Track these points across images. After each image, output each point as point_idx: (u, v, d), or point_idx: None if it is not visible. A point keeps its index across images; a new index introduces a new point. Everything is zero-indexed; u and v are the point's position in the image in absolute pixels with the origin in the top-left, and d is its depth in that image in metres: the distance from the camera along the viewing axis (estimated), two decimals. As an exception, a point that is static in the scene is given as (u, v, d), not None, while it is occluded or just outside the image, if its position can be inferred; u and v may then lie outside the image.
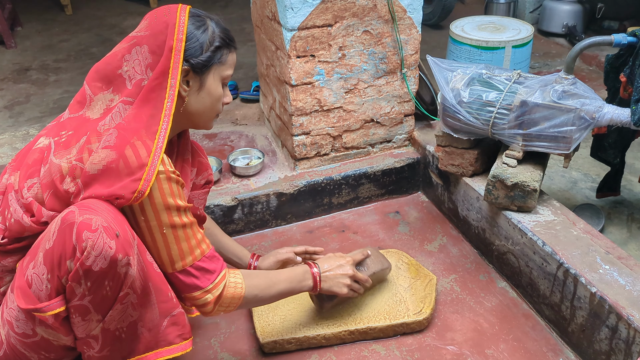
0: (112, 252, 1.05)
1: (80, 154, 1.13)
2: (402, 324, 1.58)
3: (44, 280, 1.08)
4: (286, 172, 2.15)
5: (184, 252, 1.21)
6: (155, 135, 1.16)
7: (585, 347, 1.49)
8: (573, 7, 3.81)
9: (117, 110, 1.17)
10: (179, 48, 1.18)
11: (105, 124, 1.16)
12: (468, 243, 1.98)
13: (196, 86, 1.24)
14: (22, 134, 2.64)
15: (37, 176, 1.15)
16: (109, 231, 1.06)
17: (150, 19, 1.22)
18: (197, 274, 1.23)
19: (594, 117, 1.59)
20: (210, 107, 1.30)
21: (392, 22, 2.00)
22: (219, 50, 1.25)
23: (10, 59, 3.84)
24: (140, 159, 1.11)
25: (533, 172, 1.69)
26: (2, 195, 1.20)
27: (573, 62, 1.72)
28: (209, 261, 1.25)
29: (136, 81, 1.18)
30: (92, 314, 1.11)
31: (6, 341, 1.15)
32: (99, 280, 1.07)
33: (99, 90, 1.20)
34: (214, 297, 1.25)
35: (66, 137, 1.17)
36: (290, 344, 1.55)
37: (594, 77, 3.35)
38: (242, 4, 4.96)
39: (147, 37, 1.19)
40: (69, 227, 1.05)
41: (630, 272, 1.45)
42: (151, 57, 1.18)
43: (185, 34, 1.19)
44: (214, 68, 1.25)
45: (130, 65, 1.19)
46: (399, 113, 2.20)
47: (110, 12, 4.88)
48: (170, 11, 1.21)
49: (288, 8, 1.83)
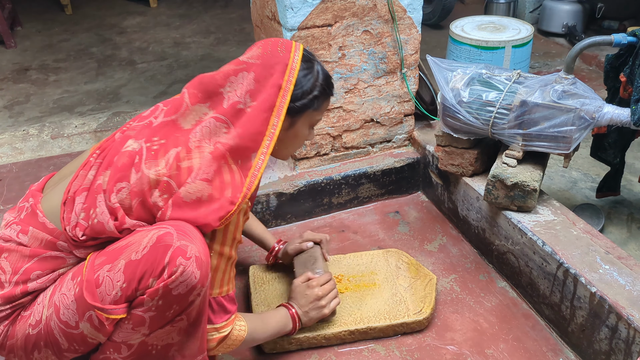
0: (195, 281, 1.10)
1: (170, 170, 1.15)
2: (402, 324, 1.58)
3: (116, 287, 1.10)
4: (286, 172, 2.15)
5: (216, 283, 1.24)
6: (249, 171, 1.20)
7: (585, 347, 1.49)
8: (573, 7, 3.81)
9: (208, 125, 1.20)
10: (287, 90, 1.22)
11: (197, 139, 1.18)
12: (468, 243, 1.98)
13: (286, 125, 1.27)
14: (22, 134, 2.64)
15: (126, 181, 1.16)
16: (199, 262, 1.10)
17: (264, 49, 1.25)
18: (216, 308, 1.25)
19: (593, 117, 1.59)
20: (291, 145, 1.36)
21: (392, 22, 2.00)
22: (317, 99, 1.28)
23: (10, 59, 3.84)
24: (232, 196, 1.16)
25: (533, 172, 1.69)
26: (87, 191, 1.20)
27: (573, 62, 1.72)
28: (230, 301, 1.28)
29: (232, 102, 1.20)
30: (143, 327, 1.14)
31: (45, 322, 1.16)
32: (170, 302, 1.11)
33: (197, 101, 1.23)
34: (220, 337, 1.27)
35: (158, 146, 1.19)
36: (290, 344, 1.55)
37: (594, 77, 3.35)
38: (242, 4, 4.96)
39: (257, 65, 1.22)
40: (164, 248, 1.08)
41: (630, 272, 1.45)
42: (254, 85, 1.21)
43: (296, 77, 1.23)
44: (307, 113, 1.29)
45: (233, 87, 1.21)
46: (399, 113, 2.20)
47: (110, 12, 4.88)
48: (285, 48, 1.25)
49: (288, 8, 1.83)
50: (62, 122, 2.77)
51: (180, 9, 4.99)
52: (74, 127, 2.71)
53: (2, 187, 2.26)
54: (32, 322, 1.16)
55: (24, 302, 1.19)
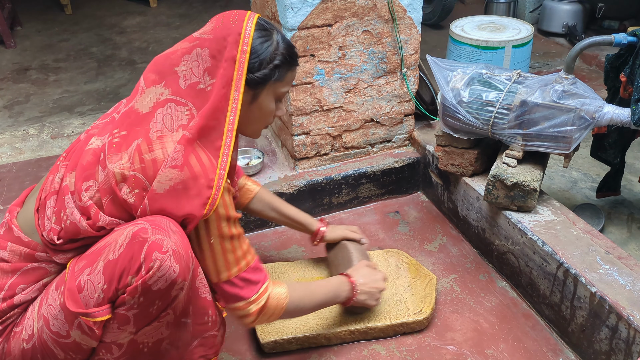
0: (174, 275, 1.08)
1: (133, 164, 1.12)
2: (402, 324, 1.58)
3: (98, 289, 1.09)
4: (286, 172, 2.15)
5: (230, 263, 1.21)
6: (219, 151, 1.16)
7: (585, 347, 1.49)
8: (573, 7, 3.80)
9: (168, 111, 1.15)
10: (243, 60, 1.16)
11: (157, 129, 1.14)
12: (468, 243, 1.98)
13: (248, 99, 1.22)
14: (22, 134, 2.64)
15: (93, 179, 1.15)
16: (177, 255, 1.08)
17: (217, 22, 1.20)
18: (242, 285, 1.23)
19: (594, 116, 1.59)
20: (258, 120, 1.29)
21: (392, 22, 2.00)
22: (278, 69, 1.22)
23: (10, 59, 3.84)
24: (207, 180, 1.12)
25: (533, 172, 1.69)
26: (56, 194, 1.19)
27: (573, 61, 1.72)
28: (253, 272, 1.25)
29: (191, 83, 1.16)
30: (129, 326, 1.13)
31: (38, 335, 1.15)
32: (152, 298, 1.09)
33: (152, 83, 1.19)
34: (257, 308, 1.25)
35: (119, 138, 1.15)
36: (290, 343, 1.55)
37: (594, 76, 3.35)
38: (242, 4, 4.96)
39: (210, 40, 1.17)
40: (140, 244, 1.06)
41: (630, 272, 1.45)
42: (210, 61, 1.16)
43: (250, 45, 1.16)
44: (270, 85, 1.23)
45: (187, 65, 1.17)
46: (399, 113, 2.20)
47: (110, 12, 4.88)
48: (237, 18, 1.19)
49: (288, 8, 1.83)
50: (62, 122, 2.77)
51: (180, 8, 4.98)
52: (74, 127, 2.71)
53: (2, 187, 2.26)
54: (25, 336, 1.16)
55: (12, 315, 1.18)
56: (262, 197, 1.70)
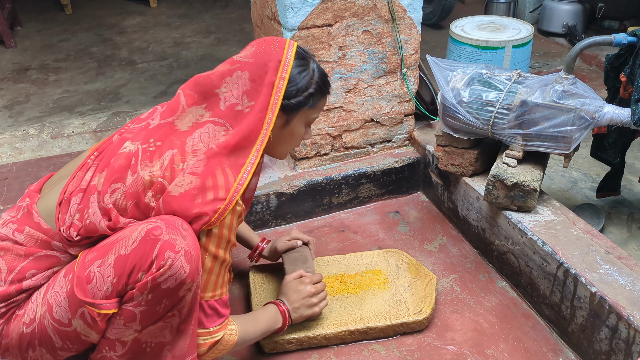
0: (184, 275, 1.09)
1: (164, 172, 1.15)
2: (402, 324, 1.58)
3: (107, 282, 1.10)
4: (286, 171, 2.15)
5: (209, 285, 1.23)
6: (241, 168, 1.20)
7: (585, 347, 1.49)
8: (573, 7, 3.81)
9: (207, 130, 1.20)
10: (280, 87, 1.21)
11: (193, 144, 1.18)
12: (468, 243, 1.98)
13: (281, 123, 1.27)
14: (22, 134, 2.64)
15: (121, 182, 1.17)
16: (188, 256, 1.10)
17: (257, 47, 1.24)
18: (209, 312, 1.24)
19: (594, 116, 1.59)
20: (287, 143, 1.34)
21: (392, 22, 2.00)
22: (312, 97, 1.27)
23: (10, 59, 3.84)
24: (222, 191, 1.15)
25: (533, 172, 1.69)
26: (83, 192, 1.21)
27: (573, 61, 1.72)
28: (223, 306, 1.27)
29: (230, 104, 1.21)
30: (134, 323, 1.14)
31: (39, 320, 1.16)
32: (160, 296, 1.11)
33: (193, 102, 1.23)
34: (212, 342, 1.26)
35: (153, 147, 1.19)
36: (290, 343, 1.55)
37: (594, 76, 3.35)
38: (242, 4, 4.96)
39: (251, 64, 1.22)
40: (153, 241, 1.08)
41: (630, 272, 1.45)
42: (250, 85, 1.21)
43: (289, 73, 1.22)
44: (302, 111, 1.28)
45: (228, 87, 1.21)
46: (399, 113, 2.20)
47: (109, 12, 4.88)
48: (278, 45, 1.24)
49: (288, 8, 1.83)
50: (62, 122, 2.77)
51: (180, 8, 4.99)
52: (74, 127, 2.71)
53: (2, 187, 2.26)
54: (26, 320, 1.17)
55: (18, 300, 1.19)
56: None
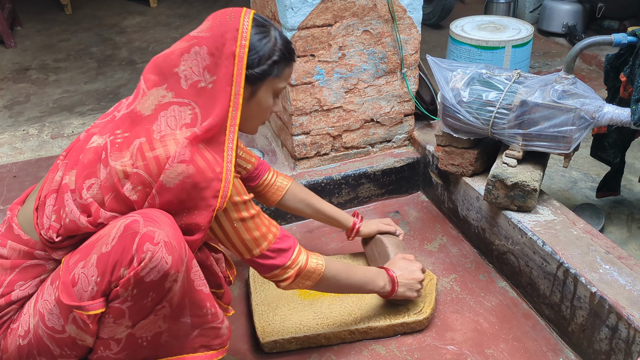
0: (167, 267, 1.08)
1: (136, 161, 1.13)
2: (402, 324, 1.58)
3: (91, 282, 1.09)
4: (286, 171, 2.15)
5: (258, 239, 1.25)
6: (224, 146, 1.18)
7: (585, 347, 1.49)
8: (573, 7, 3.81)
9: (172, 113, 1.17)
10: (242, 55, 1.17)
11: (160, 130, 1.15)
12: (468, 243, 1.98)
13: (247, 95, 1.23)
14: (22, 134, 2.64)
15: (95, 177, 1.16)
16: (169, 246, 1.08)
17: (213, 20, 1.21)
18: (274, 255, 1.28)
19: (594, 116, 1.59)
20: (256, 116, 1.31)
21: (392, 22, 2.00)
22: (276, 64, 1.23)
23: (10, 59, 3.84)
24: (214, 173, 1.14)
25: (533, 172, 1.69)
26: (55, 193, 1.20)
27: (573, 61, 1.72)
28: (282, 241, 1.29)
29: (192, 82, 1.18)
30: (124, 319, 1.13)
31: (33, 331, 1.16)
32: (145, 290, 1.10)
33: (153, 84, 1.20)
34: (295, 271, 1.30)
35: (121, 139, 1.17)
36: (290, 343, 1.55)
37: (594, 76, 3.35)
38: (241, 3, 4.96)
39: (208, 38, 1.18)
40: (132, 235, 1.07)
41: (630, 271, 1.45)
42: (209, 59, 1.17)
43: (249, 40, 1.18)
44: (268, 80, 1.24)
45: (187, 64, 1.18)
46: (399, 113, 2.20)
47: (109, 12, 4.88)
48: (234, 15, 1.19)
49: (288, 8, 1.83)
50: (62, 122, 2.77)
51: (180, 8, 4.99)
52: (74, 127, 2.71)
53: (2, 187, 2.26)
54: (21, 332, 1.16)
55: (10, 312, 1.19)
56: (295, 193, 1.71)
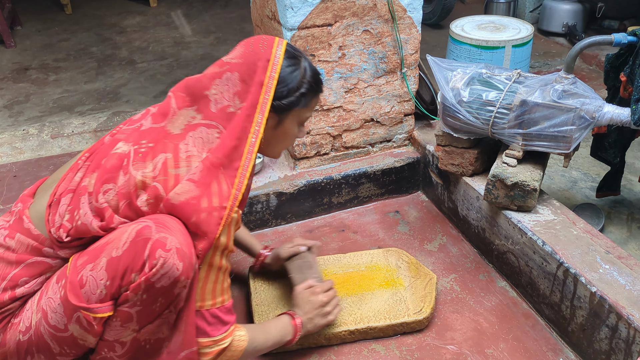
0: (177, 273, 1.08)
1: (158, 175, 1.14)
2: (402, 324, 1.58)
3: (100, 285, 1.09)
4: (286, 171, 2.15)
5: (207, 294, 1.20)
6: (237, 172, 1.19)
7: (585, 347, 1.49)
8: (573, 7, 3.81)
9: (200, 134, 1.19)
10: (270, 86, 1.20)
11: (187, 150, 1.17)
12: (468, 242, 1.98)
13: (273, 124, 1.26)
14: (22, 134, 2.64)
15: (113, 182, 1.16)
16: (180, 253, 1.09)
17: (246, 47, 1.23)
18: (212, 321, 1.22)
19: (594, 116, 1.59)
20: (281, 143, 1.34)
21: (392, 22, 2.00)
22: (304, 96, 1.26)
23: (10, 59, 3.84)
24: (221, 199, 1.15)
25: (533, 172, 1.69)
26: (72, 193, 1.20)
27: (573, 61, 1.72)
28: (227, 312, 1.25)
29: (222, 106, 1.20)
30: (131, 323, 1.13)
31: (35, 327, 1.16)
32: (155, 295, 1.10)
33: (184, 104, 1.22)
34: (219, 349, 1.24)
35: (146, 148, 1.18)
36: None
37: (594, 76, 3.35)
38: (242, 4, 4.96)
39: (240, 65, 1.21)
40: (144, 241, 1.07)
41: (630, 271, 1.45)
42: (240, 86, 1.20)
43: (279, 72, 1.20)
44: (295, 111, 1.27)
45: (219, 89, 1.20)
46: (399, 112, 2.20)
47: (109, 12, 4.88)
48: (267, 44, 1.22)
49: (288, 7, 1.83)
50: (62, 121, 2.77)
51: (180, 8, 4.98)
52: (74, 126, 2.71)
53: (2, 187, 2.26)
54: (22, 328, 1.16)
55: (12, 308, 1.19)
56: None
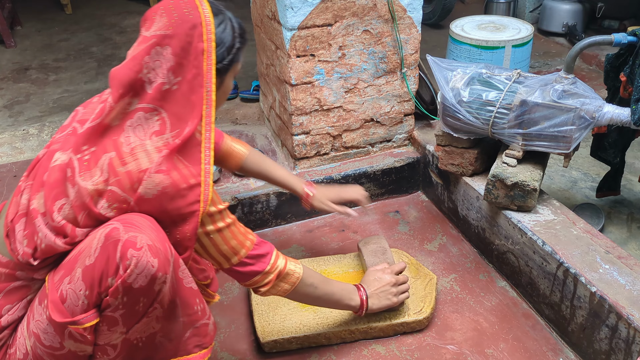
0: (153, 270, 1.07)
1: (107, 177, 1.10)
2: (402, 323, 1.58)
3: (80, 296, 1.08)
4: (286, 171, 2.14)
5: (235, 248, 1.25)
6: (201, 146, 1.17)
7: (585, 347, 1.49)
8: (573, 7, 3.81)
9: (138, 122, 1.13)
10: (210, 50, 1.14)
11: (129, 143, 1.11)
12: (468, 242, 1.98)
13: (217, 86, 1.22)
14: (22, 133, 2.64)
15: (65, 197, 1.12)
16: (153, 249, 1.07)
17: (169, 16, 1.12)
18: (253, 262, 1.29)
19: (594, 116, 1.59)
20: (221, 103, 1.29)
21: (392, 22, 2.00)
22: (239, 50, 1.23)
23: (10, 58, 3.83)
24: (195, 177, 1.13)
25: (533, 172, 1.69)
26: (24, 217, 1.16)
27: (573, 61, 1.72)
28: (259, 247, 1.30)
29: (156, 85, 1.12)
30: (118, 327, 1.12)
31: (32, 352, 1.14)
32: (135, 296, 1.09)
33: (119, 96, 1.14)
34: (275, 275, 1.32)
35: (89, 155, 1.12)
36: (290, 343, 1.55)
37: (594, 76, 3.35)
38: (242, 4, 4.95)
39: (170, 37, 1.11)
40: (114, 244, 1.05)
41: (630, 271, 1.45)
42: (174, 60, 1.12)
43: (214, 33, 1.15)
44: (233, 67, 1.24)
45: (149, 67, 1.12)
46: (399, 112, 2.20)
47: (109, 11, 4.88)
48: (190, 6, 1.14)
49: (288, 7, 1.83)
50: (62, 121, 2.77)
51: (180, 8, 4.98)
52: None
53: (2, 187, 2.26)
54: (20, 356, 1.15)
55: (3, 337, 1.17)
56: (252, 161, 1.71)
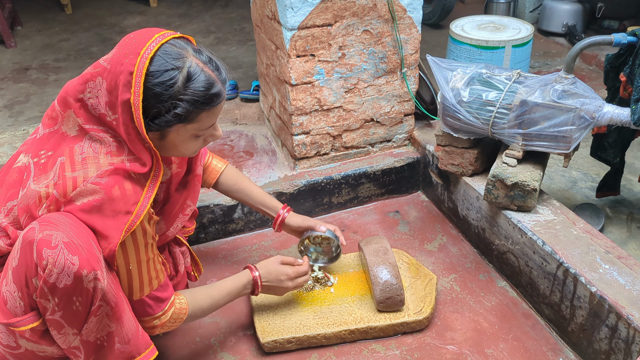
0: (75, 268, 1.03)
1: (56, 180, 1.10)
2: (402, 323, 1.58)
3: (16, 298, 1.08)
4: (286, 171, 2.15)
5: (143, 284, 1.23)
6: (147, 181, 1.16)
7: (585, 347, 1.49)
8: (573, 7, 3.81)
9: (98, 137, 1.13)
10: (137, 104, 1.07)
11: (83, 152, 1.12)
12: (468, 242, 1.98)
13: (156, 136, 1.16)
14: (22, 134, 2.64)
15: (15, 198, 1.15)
16: (71, 247, 1.03)
17: (117, 51, 1.11)
18: (151, 303, 1.27)
19: (593, 116, 1.59)
20: (179, 151, 1.23)
21: (392, 22, 2.00)
22: (187, 113, 1.12)
23: (10, 59, 3.84)
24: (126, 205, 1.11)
25: (533, 172, 1.69)
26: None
27: (573, 61, 1.72)
28: (162, 290, 1.29)
29: (100, 113, 1.12)
30: (66, 328, 1.11)
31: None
32: (66, 296, 1.06)
33: (66, 107, 1.16)
34: (165, 321, 1.30)
35: (45, 158, 1.15)
36: (290, 343, 1.55)
37: (593, 76, 3.35)
38: (242, 4, 4.96)
39: (108, 72, 1.10)
40: (29, 244, 1.04)
41: (630, 271, 1.45)
42: (108, 97, 1.10)
43: (142, 87, 1.06)
44: (176, 127, 1.14)
45: (93, 94, 1.12)
46: (399, 112, 2.20)
47: (110, 12, 4.88)
48: (133, 50, 1.08)
49: (288, 7, 1.83)
50: (62, 121, 2.77)
51: (180, 8, 4.98)
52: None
53: (2, 187, 2.26)
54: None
55: None
56: (228, 177, 1.69)
